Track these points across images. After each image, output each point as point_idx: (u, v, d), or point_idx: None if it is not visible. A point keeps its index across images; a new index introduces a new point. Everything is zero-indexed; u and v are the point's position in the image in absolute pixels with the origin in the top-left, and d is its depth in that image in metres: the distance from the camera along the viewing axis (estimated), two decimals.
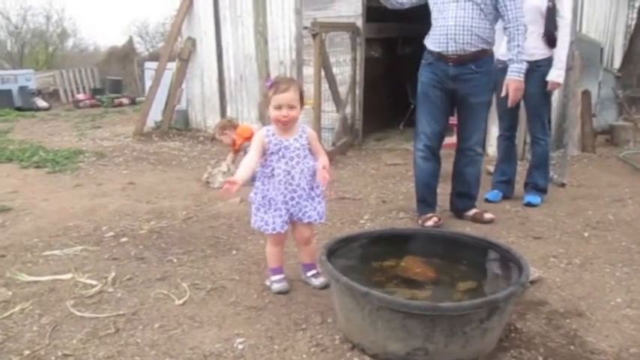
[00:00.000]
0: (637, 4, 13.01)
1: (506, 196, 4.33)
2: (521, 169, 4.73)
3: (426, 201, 3.78)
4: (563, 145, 5.13)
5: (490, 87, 3.65)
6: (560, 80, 4.02)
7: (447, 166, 3.89)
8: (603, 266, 3.00)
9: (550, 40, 3.93)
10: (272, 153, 2.54)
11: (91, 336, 2.29)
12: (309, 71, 5.99)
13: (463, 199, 3.86)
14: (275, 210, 2.58)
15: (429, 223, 3.65)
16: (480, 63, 3.47)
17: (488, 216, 3.77)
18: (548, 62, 3.95)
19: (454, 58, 3.46)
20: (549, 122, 4.15)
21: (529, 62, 3.82)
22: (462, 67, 3.46)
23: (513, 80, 3.49)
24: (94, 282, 2.81)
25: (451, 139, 5.18)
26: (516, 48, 3.42)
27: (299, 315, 2.44)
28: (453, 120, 3.90)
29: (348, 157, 6.18)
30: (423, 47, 3.66)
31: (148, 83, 8.61)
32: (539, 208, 4.10)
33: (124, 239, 3.48)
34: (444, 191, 4.01)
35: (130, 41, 17.57)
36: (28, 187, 4.97)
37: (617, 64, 11.33)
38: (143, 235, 3.57)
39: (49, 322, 2.42)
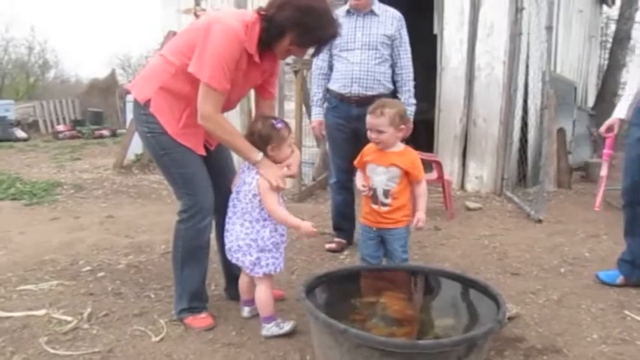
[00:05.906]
0: (608, 45, 13.48)
1: (629, 281, 3.25)
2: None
3: (340, 228, 4.09)
4: (539, 181, 5.23)
5: None
6: None
7: None
8: (579, 302, 3.03)
9: None
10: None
11: None
12: (290, 106, 6.06)
13: None
14: (281, 244, 2.61)
15: (327, 245, 3.97)
16: None
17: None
18: None
19: (357, 99, 3.71)
20: None
21: None
22: (364, 107, 3.60)
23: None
24: (69, 318, 2.75)
25: (429, 175, 5.26)
26: (407, 92, 3.74)
27: (277, 352, 2.42)
28: (427, 156, 3.93)
29: (327, 192, 6.19)
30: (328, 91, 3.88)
31: (130, 116, 8.60)
32: (516, 244, 4.15)
33: (101, 274, 3.43)
34: None
35: (112, 73, 17.65)
36: (3, 219, 4.89)
37: (590, 102, 11.67)
38: (121, 269, 3.53)
39: (22, 359, 2.36)
